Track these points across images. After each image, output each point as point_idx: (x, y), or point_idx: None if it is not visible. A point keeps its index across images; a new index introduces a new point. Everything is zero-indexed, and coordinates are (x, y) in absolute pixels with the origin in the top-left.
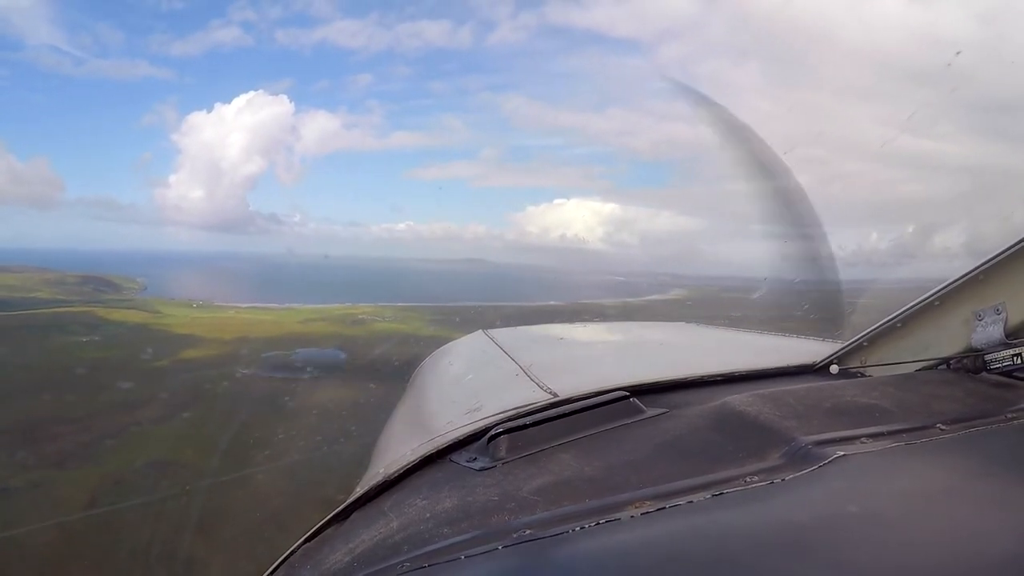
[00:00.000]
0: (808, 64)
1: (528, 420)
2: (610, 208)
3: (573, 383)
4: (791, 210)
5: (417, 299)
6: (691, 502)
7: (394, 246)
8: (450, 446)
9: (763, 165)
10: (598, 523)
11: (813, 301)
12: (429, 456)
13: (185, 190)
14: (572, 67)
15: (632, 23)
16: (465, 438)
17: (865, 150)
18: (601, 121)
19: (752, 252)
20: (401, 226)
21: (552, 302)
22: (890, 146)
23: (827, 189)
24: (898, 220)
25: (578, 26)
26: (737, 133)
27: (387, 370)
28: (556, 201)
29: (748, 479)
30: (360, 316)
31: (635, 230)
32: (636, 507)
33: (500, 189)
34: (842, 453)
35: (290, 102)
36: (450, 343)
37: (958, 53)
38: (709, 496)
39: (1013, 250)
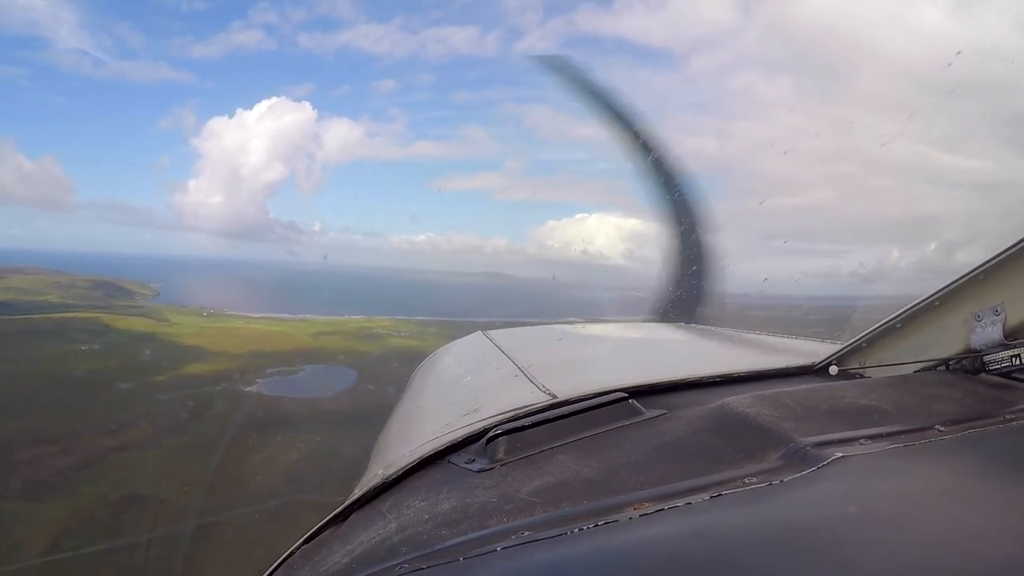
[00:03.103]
0: (843, 77)
1: (527, 421)
2: (632, 223)
3: (572, 384)
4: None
5: (435, 312)
6: (690, 503)
7: (413, 257)
8: (449, 447)
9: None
10: (597, 524)
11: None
12: (428, 457)
13: (204, 196)
14: (601, 78)
15: (664, 32)
16: (464, 439)
17: (898, 165)
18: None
19: (773, 269)
20: (421, 237)
21: (572, 319)
22: (891, 145)
23: (854, 205)
24: (924, 237)
25: (608, 35)
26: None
27: (398, 392)
28: (578, 215)
29: (747, 480)
30: (375, 330)
31: (657, 246)
32: (635, 508)
33: (522, 202)
34: (841, 454)
35: (313, 109)
36: (449, 344)
37: (958, 53)
38: (708, 497)
39: (1012, 251)
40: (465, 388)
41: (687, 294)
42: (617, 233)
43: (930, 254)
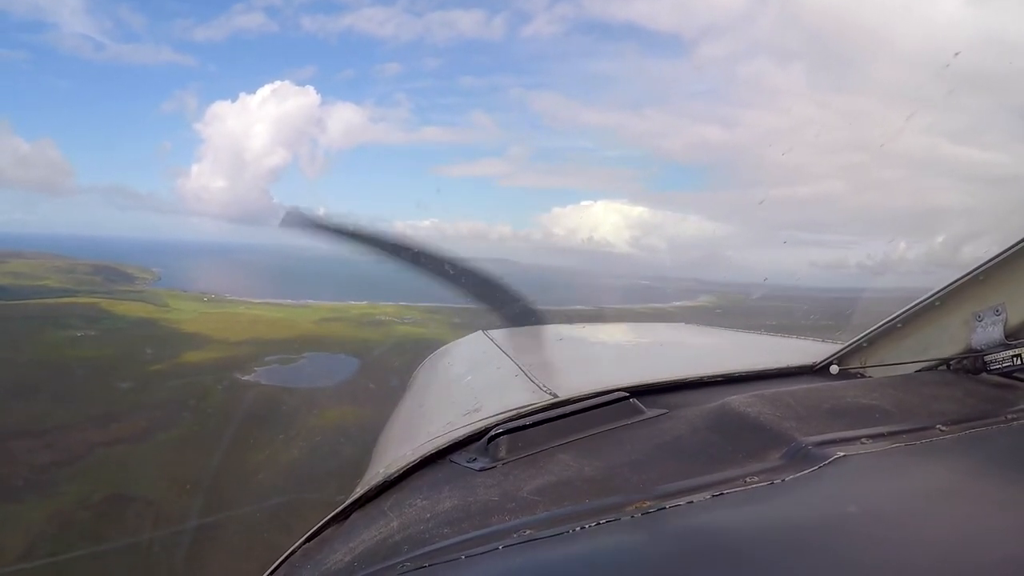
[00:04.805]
0: (856, 66)
1: (528, 421)
2: (638, 211)
3: (573, 384)
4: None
5: (440, 299)
6: (691, 503)
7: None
8: (450, 446)
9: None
10: (598, 523)
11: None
12: (429, 456)
13: (207, 180)
14: (608, 64)
15: (673, 17)
16: (465, 438)
17: (909, 157)
18: (634, 122)
19: (778, 259)
20: (426, 223)
21: (579, 306)
22: (902, 138)
23: (863, 196)
24: (932, 230)
25: (617, 19)
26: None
27: (400, 383)
28: (583, 203)
29: (748, 480)
30: (379, 316)
31: (663, 234)
32: (636, 507)
33: (527, 189)
34: (842, 454)
35: (316, 93)
36: (450, 343)
37: (956, 54)
38: (709, 497)
39: (1013, 251)
40: (466, 387)
41: (511, 308)
42: (623, 221)
43: (937, 247)
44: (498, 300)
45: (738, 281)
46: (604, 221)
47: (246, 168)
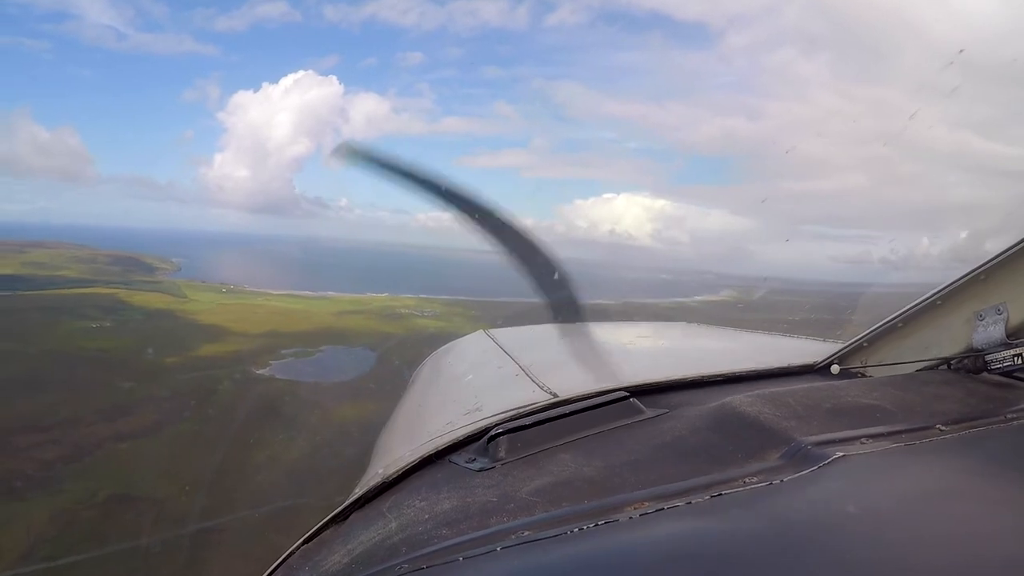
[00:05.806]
0: (884, 57)
1: (528, 420)
2: (660, 204)
3: (573, 383)
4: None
5: (461, 292)
6: (690, 503)
7: (440, 235)
8: (449, 447)
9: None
10: (597, 524)
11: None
12: (428, 457)
13: (230, 170)
14: (632, 55)
15: (700, 6)
16: (465, 438)
17: (933, 151)
18: (658, 113)
19: (799, 253)
20: (448, 214)
21: (600, 300)
22: (893, 145)
23: (887, 191)
24: (957, 225)
25: (642, 8)
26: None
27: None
28: (605, 195)
29: (748, 480)
30: (400, 310)
31: (685, 227)
32: (635, 508)
33: (550, 180)
34: (842, 454)
35: (339, 83)
36: (451, 343)
37: (960, 51)
38: (709, 497)
39: (1014, 250)
40: (467, 387)
41: (561, 299)
42: (645, 214)
43: (961, 243)
44: (546, 280)
45: (761, 276)
46: (626, 214)
47: (269, 157)
